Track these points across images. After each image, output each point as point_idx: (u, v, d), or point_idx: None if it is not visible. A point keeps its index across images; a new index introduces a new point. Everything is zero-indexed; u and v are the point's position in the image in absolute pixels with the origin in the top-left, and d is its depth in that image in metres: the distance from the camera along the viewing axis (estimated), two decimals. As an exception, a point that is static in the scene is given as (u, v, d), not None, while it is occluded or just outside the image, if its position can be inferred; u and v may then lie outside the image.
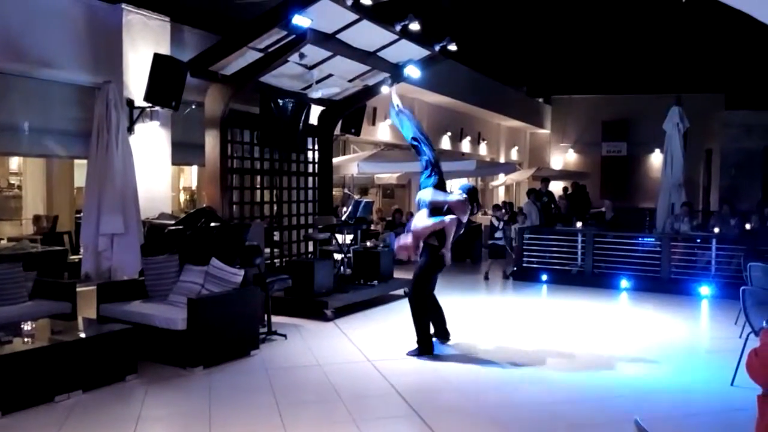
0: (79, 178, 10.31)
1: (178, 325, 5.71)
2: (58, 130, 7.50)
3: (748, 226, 12.12)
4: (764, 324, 4.84)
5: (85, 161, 7.27)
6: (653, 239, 10.93)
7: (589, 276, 10.66)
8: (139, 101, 7.70)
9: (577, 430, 4.52)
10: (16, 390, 4.67)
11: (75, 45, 7.43)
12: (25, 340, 5.05)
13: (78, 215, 9.77)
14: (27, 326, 5.28)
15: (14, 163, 11.85)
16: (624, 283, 10.29)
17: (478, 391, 5.36)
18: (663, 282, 10.09)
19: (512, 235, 11.73)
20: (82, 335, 5.45)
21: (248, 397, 5.08)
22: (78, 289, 6.47)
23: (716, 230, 10.82)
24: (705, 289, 9.64)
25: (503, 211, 13.01)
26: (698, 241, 10.48)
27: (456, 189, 6.65)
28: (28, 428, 4.41)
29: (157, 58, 7.36)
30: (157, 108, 7.77)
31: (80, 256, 7.09)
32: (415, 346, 6.32)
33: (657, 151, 21.49)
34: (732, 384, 5.41)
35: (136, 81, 7.83)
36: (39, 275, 6.52)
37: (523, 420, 4.70)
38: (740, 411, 4.76)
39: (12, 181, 11.88)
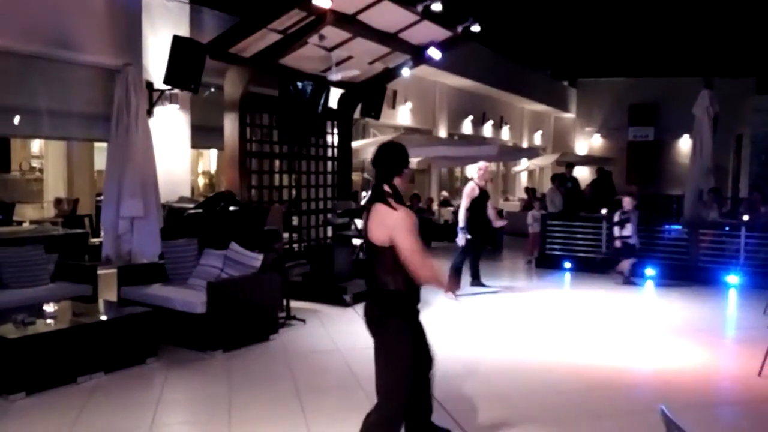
0: (99, 161, 10.38)
1: (198, 308, 5.71)
2: (78, 113, 7.53)
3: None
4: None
5: (104, 144, 7.28)
6: (680, 226, 10.68)
7: (614, 263, 10.45)
8: (159, 84, 7.69)
9: (601, 419, 4.43)
10: (40, 371, 4.72)
11: (95, 27, 7.42)
12: (48, 321, 5.10)
13: (99, 198, 9.84)
14: (49, 308, 5.34)
15: (36, 146, 11.97)
16: (650, 271, 10.07)
17: (498, 378, 5.28)
18: (690, 270, 9.85)
19: (529, 221, 11.55)
20: (104, 317, 5.49)
21: (268, 382, 5.07)
22: (99, 272, 6.53)
23: (745, 218, 10.52)
24: (733, 278, 9.39)
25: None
26: (727, 228, 10.20)
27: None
28: (52, 409, 4.45)
29: (177, 41, 7.31)
30: (176, 91, 7.75)
31: (101, 239, 7.14)
32: None
33: (685, 136, 21.00)
34: (759, 375, 5.27)
35: (155, 63, 7.81)
36: (60, 258, 6.58)
37: (545, 408, 4.61)
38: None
39: (34, 165, 12.02)
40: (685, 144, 21.63)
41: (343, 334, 6.48)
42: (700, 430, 2.53)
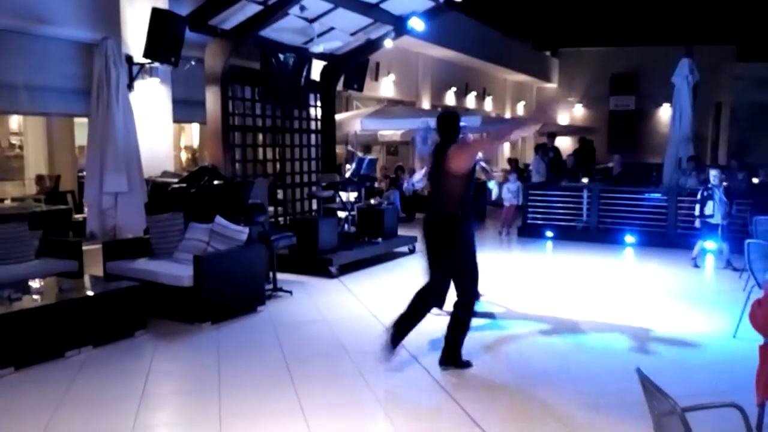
0: (80, 137, 10.24)
1: (185, 282, 5.75)
2: (58, 88, 7.41)
3: (755, 181, 12.01)
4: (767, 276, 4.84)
5: (85, 120, 7.20)
6: (660, 194, 10.86)
7: (595, 232, 10.66)
8: (139, 57, 7.58)
9: (581, 382, 4.58)
10: (28, 346, 4.75)
11: (72, 0, 7.27)
12: (35, 297, 5.11)
13: (81, 174, 9.76)
14: (35, 284, 5.33)
15: (15, 122, 11.77)
16: (629, 238, 10.27)
17: (482, 345, 5.41)
18: (669, 237, 10.07)
19: (504, 194, 11.46)
20: (90, 292, 5.49)
21: (256, 352, 5.16)
22: (84, 248, 6.51)
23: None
24: (710, 244, 9.60)
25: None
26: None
27: None
28: (42, 382, 4.50)
29: (156, 13, 7.20)
30: (156, 64, 7.65)
31: (84, 215, 7.11)
32: None
33: (666, 105, 21.19)
34: (735, 336, 5.46)
35: (134, 37, 7.69)
36: (44, 234, 6.55)
37: (528, 373, 4.75)
38: (742, 362, 4.79)
39: (13, 141, 11.83)
40: (665, 113, 21.83)
41: (330, 305, 6.58)
42: (677, 389, 2.65)
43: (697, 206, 8.59)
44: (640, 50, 22.49)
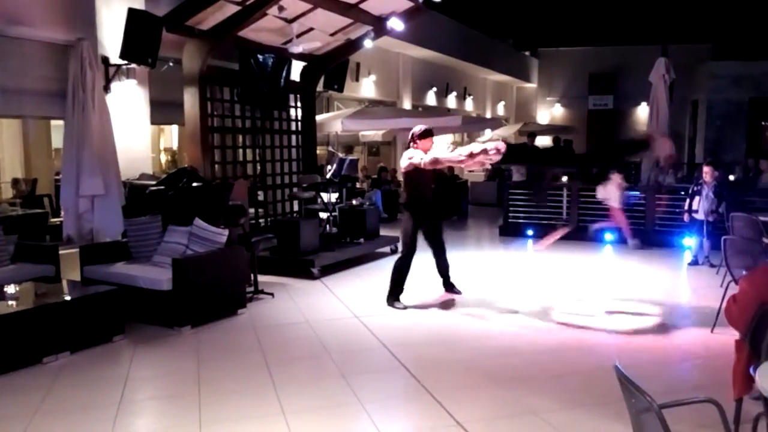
0: (57, 139, 10.09)
1: (164, 285, 5.69)
2: (32, 90, 7.27)
3: (731, 177, 12.23)
4: (743, 272, 4.93)
5: (62, 122, 7.09)
6: (638, 192, 10.99)
7: (574, 230, 10.72)
8: (115, 59, 7.48)
9: (560, 378, 4.61)
10: (4, 352, 4.67)
11: (45, 1, 7.14)
12: (10, 302, 5.03)
13: (58, 177, 9.62)
14: (11, 289, 5.26)
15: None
16: (608, 236, 10.38)
17: (465, 344, 5.44)
18: (647, 234, 10.19)
19: None
20: (68, 297, 5.42)
21: (237, 355, 5.12)
22: (60, 252, 6.41)
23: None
24: (688, 240, 9.74)
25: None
26: (682, 193, 10.54)
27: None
28: (18, 389, 4.42)
29: (132, 14, 7.12)
30: (133, 65, 7.55)
31: (61, 219, 7.00)
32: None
33: (644, 104, 21.43)
34: (712, 331, 5.54)
35: (110, 37, 7.58)
36: (20, 238, 6.44)
37: (509, 370, 4.78)
38: (720, 357, 4.87)
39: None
40: (643, 111, 22.09)
41: (312, 307, 6.55)
42: (655, 385, 2.70)
43: (687, 200, 8.61)
44: (617, 50, 22.74)
